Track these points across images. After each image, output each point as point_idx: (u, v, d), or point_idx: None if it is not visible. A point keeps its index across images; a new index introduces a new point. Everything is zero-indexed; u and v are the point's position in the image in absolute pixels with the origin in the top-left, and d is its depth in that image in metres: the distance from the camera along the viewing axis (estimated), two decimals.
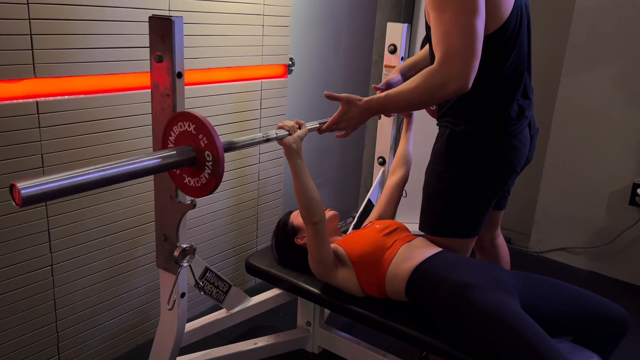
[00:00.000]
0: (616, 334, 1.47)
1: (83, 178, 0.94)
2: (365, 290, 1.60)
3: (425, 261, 1.52)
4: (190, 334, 1.75)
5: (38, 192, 0.87)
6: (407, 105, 1.42)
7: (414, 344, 1.50)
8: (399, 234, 1.65)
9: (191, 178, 1.15)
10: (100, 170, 0.97)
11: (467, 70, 1.27)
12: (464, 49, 1.27)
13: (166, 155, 1.09)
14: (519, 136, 1.53)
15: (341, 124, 1.51)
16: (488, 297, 1.35)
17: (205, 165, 1.11)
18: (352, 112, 1.49)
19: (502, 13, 1.38)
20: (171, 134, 1.15)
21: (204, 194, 1.14)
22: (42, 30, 1.52)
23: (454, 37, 1.27)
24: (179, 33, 1.15)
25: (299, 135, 1.47)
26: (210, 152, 1.09)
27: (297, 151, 1.46)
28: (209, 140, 1.09)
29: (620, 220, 2.81)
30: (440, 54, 1.30)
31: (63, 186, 0.91)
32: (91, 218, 1.77)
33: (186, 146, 1.12)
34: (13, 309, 1.63)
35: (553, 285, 1.51)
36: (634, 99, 2.68)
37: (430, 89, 1.33)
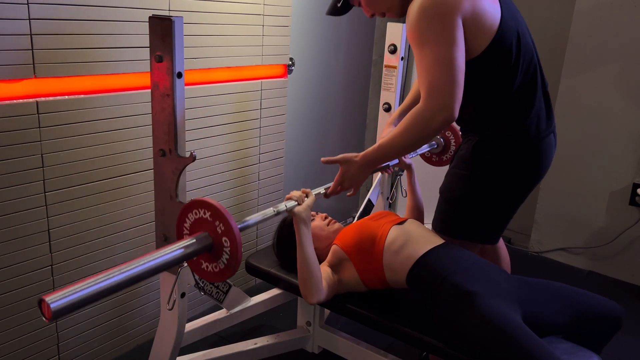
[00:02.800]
0: (611, 329, 1.49)
1: (108, 282, 0.94)
2: (366, 282, 1.60)
3: (429, 253, 1.52)
4: (190, 334, 1.75)
5: (67, 303, 0.87)
6: (402, 149, 1.44)
7: (414, 344, 1.50)
8: (389, 217, 1.68)
9: (208, 263, 1.15)
10: (123, 272, 0.97)
11: (450, 100, 1.31)
12: (446, 81, 1.31)
13: (186, 245, 1.09)
14: (545, 142, 1.55)
15: (345, 183, 1.53)
16: (490, 306, 1.35)
17: (222, 251, 1.11)
18: (352, 171, 1.51)
19: (489, 27, 1.39)
20: (186, 220, 1.16)
21: (222, 279, 1.15)
22: (42, 30, 1.52)
23: (434, 70, 1.31)
24: (179, 33, 1.15)
25: (307, 205, 1.47)
26: (227, 238, 1.09)
27: (306, 221, 1.47)
28: (225, 227, 1.09)
29: (620, 220, 2.81)
30: (423, 89, 1.34)
31: (90, 294, 0.91)
32: (91, 218, 1.77)
33: (203, 234, 1.12)
34: (13, 309, 1.63)
35: (551, 289, 1.51)
36: (634, 99, 2.68)
37: (418, 127, 1.36)
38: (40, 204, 1.62)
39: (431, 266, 1.49)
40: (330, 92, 2.91)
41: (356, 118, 3.18)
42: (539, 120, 1.52)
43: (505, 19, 1.41)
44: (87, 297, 0.91)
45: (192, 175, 2.06)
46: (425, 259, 1.51)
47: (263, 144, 2.38)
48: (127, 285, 0.98)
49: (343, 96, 3.01)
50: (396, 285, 1.58)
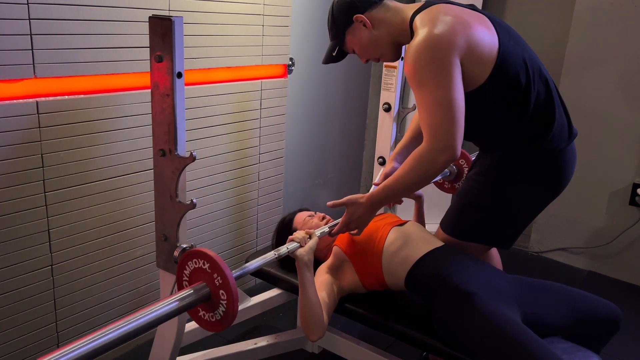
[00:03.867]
0: (609, 330, 1.49)
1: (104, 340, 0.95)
2: (365, 284, 1.60)
3: (428, 255, 1.52)
4: (190, 334, 1.75)
5: None
6: (405, 189, 1.45)
7: (414, 344, 1.50)
8: (389, 219, 1.68)
9: (205, 312, 1.17)
10: (120, 327, 0.98)
11: (452, 140, 1.34)
12: (446, 122, 1.34)
13: (184, 296, 1.11)
14: (568, 150, 1.57)
15: (351, 224, 1.53)
16: (490, 307, 1.35)
17: (219, 303, 1.13)
18: (359, 212, 1.51)
19: (488, 54, 1.42)
20: (185, 268, 1.18)
21: (218, 329, 1.17)
22: (42, 30, 1.52)
23: (434, 112, 1.35)
24: (179, 33, 1.15)
25: (310, 247, 1.46)
26: (224, 291, 1.12)
27: (308, 264, 1.46)
28: (223, 280, 1.11)
29: (620, 220, 2.81)
30: (425, 130, 1.37)
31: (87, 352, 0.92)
32: (91, 218, 1.77)
33: (201, 284, 1.15)
34: (13, 309, 1.63)
35: (550, 290, 1.51)
36: (634, 99, 2.68)
37: (421, 167, 1.38)
38: (40, 204, 1.62)
39: (430, 268, 1.48)
40: (330, 92, 2.91)
41: (356, 118, 3.19)
42: (561, 131, 1.54)
43: (503, 44, 1.43)
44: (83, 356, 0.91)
45: (192, 175, 2.06)
46: (423, 261, 1.51)
47: (263, 144, 2.38)
48: (125, 340, 0.99)
49: (343, 96, 3.01)
50: (395, 288, 1.58)
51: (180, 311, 1.11)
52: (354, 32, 1.53)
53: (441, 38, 1.34)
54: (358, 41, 1.53)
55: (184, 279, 1.19)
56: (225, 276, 1.11)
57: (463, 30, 1.37)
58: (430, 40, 1.34)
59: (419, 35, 1.37)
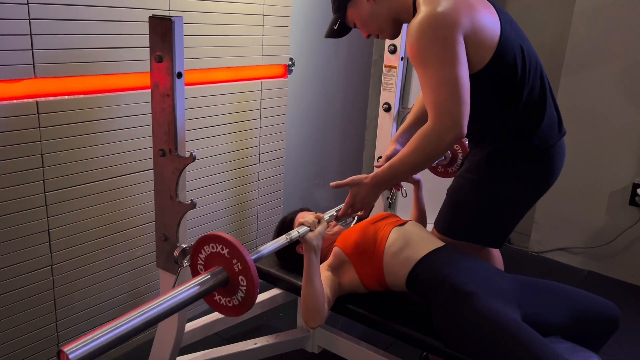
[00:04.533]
0: (608, 330, 1.49)
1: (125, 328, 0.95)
2: (366, 284, 1.60)
3: (429, 255, 1.51)
4: (190, 334, 1.75)
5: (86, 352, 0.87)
6: (411, 169, 1.45)
7: (414, 344, 1.50)
8: (389, 219, 1.67)
9: (222, 297, 1.16)
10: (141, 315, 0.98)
11: (458, 119, 1.33)
12: (451, 100, 1.32)
13: (202, 281, 1.10)
14: (557, 146, 1.57)
15: (356, 206, 1.53)
16: (490, 306, 1.35)
17: (238, 289, 1.12)
18: (362, 192, 1.50)
19: (490, 39, 1.41)
20: (202, 252, 1.16)
21: (236, 314, 1.16)
22: (42, 30, 1.52)
23: (440, 90, 1.33)
24: (179, 33, 1.15)
25: (319, 232, 1.46)
26: (244, 277, 1.10)
27: (317, 249, 1.45)
28: (243, 266, 1.10)
29: (620, 220, 2.81)
30: (431, 109, 1.36)
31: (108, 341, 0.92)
32: (91, 218, 1.77)
33: (218, 268, 1.13)
34: (13, 309, 1.63)
35: (550, 289, 1.51)
36: (634, 99, 2.68)
37: (428, 147, 1.37)
38: (40, 204, 1.62)
39: (430, 268, 1.48)
40: (330, 92, 2.91)
41: (356, 118, 3.18)
42: (551, 127, 1.54)
43: (505, 31, 1.42)
44: (105, 345, 0.91)
45: (192, 175, 2.06)
46: (424, 261, 1.50)
47: (263, 144, 2.38)
48: (146, 328, 0.99)
49: (343, 96, 3.01)
50: (395, 288, 1.58)
51: (200, 296, 1.09)
52: (355, 5, 1.51)
53: (446, 15, 1.32)
54: (359, 14, 1.52)
55: (198, 264, 1.18)
56: (246, 262, 1.09)
57: (467, 11, 1.35)
58: (435, 17, 1.32)
59: (421, 12, 1.34)
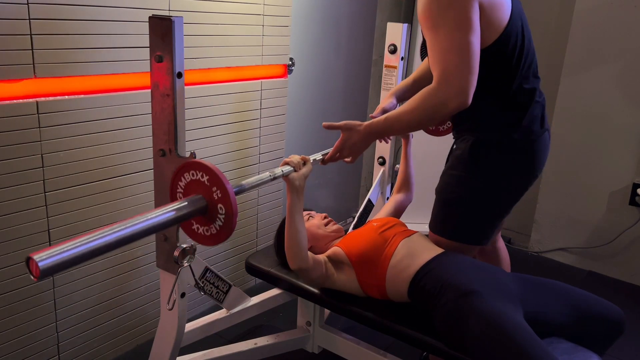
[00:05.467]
0: (613, 333, 1.48)
1: (98, 242, 0.95)
2: (366, 291, 1.60)
3: (430, 263, 1.51)
4: (190, 334, 1.75)
5: (55, 262, 0.87)
6: (407, 127, 1.43)
7: (413, 344, 1.50)
8: (397, 229, 1.65)
9: (200, 226, 1.15)
10: (115, 232, 0.98)
11: (465, 86, 1.29)
12: (461, 67, 1.29)
13: (179, 207, 1.09)
14: (540, 140, 1.54)
15: (344, 151, 1.51)
16: (490, 304, 1.34)
17: (217, 217, 1.11)
18: (354, 139, 1.49)
19: (500, 21, 1.39)
20: (181, 179, 1.15)
21: (213, 243, 1.14)
22: (42, 30, 1.52)
23: (450, 55, 1.29)
24: (179, 33, 1.15)
25: (303, 173, 1.46)
26: (223, 206, 1.09)
27: (299, 189, 1.45)
28: (222, 194, 1.09)
29: (620, 220, 2.81)
30: (438, 73, 1.32)
31: (80, 253, 0.91)
32: (91, 218, 1.77)
33: (197, 196, 1.12)
34: (13, 309, 1.63)
35: (552, 288, 1.50)
36: (634, 99, 2.68)
37: (429, 109, 1.35)
38: (40, 204, 1.62)
39: (431, 275, 1.48)
40: (330, 92, 2.91)
41: (356, 118, 3.17)
42: (534, 119, 1.52)
43: (514, 15, 1.40)
44: (76, 257, 0.90)
45: None
46: (425, 269, 1.50)
47: (263, 144, 2.38)
48: (118, 245, 0.98)
49: (343, 96, 3.01)
50: (396, 299, 1.57)
51: (176, 221, 1.08)
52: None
53: None
54: None
55: (178, 191, 1.16)
56: (226, 189, 1.07)
57: None
58: None
59: None
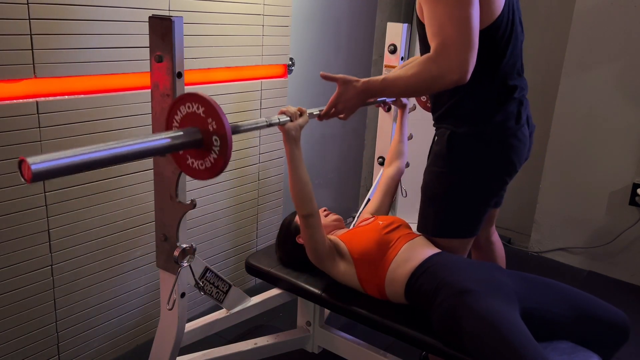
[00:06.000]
0: (616, 339, 1.45)
1: (92, 156, 0.95)
2: (365, 289, 1.60)
3: (424, 263, 1.51)
4: (190, 334, 1.75)
5: (48, 168, 0.88)
6: (402, 92, 1.43)
7: (413, 344, 1.50)
8: (402, 231, 1.65)
9: (195, 160, 1.15)
10: (109, 148, 0.98)
11: (465, 62, 1.27)
12: (461, 41, 1.26)
13: (174, 135, 1.09)
14: (518, 135, 1.52)
15: (339, 105, 1.50)
16: (485, 303, 1.34)
17: (212, 149, 1.11)
18: (349, 93, 1.48)
19: (495, 8, 1.38)
20: (177, 113, 1.14)
21: (209, 176, 1.14)
22: (42, 30, 1.52)
23: (449, 29, 1.26)
24: (179, 33, 1.15)
25: (299, 124, 1.48)
26: (218, 136, 1.09)
27: (296, 139, 1.47)
28: (218, 124, 1.08)
29: (620, 220, 2.81)
30: (436, 45, 1.29)
31: (73, 163, 0.92)
32: (91, 218, 1.77)
33: (193, 128, 1.11)
34: (13, 309, 1.63)
35: (553, 287, 1.50)
36: (634, 99, 2.68)
37: (427, 79, 1.32)
38: (40, 204, 1.62)
39: (427, 274, 1.48)
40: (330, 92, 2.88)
41: (356, 118, 3.18)
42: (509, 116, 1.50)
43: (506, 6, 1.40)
44: (69, 165, 0.91)
45: None
46: (420, 268, 1.50)
47: (263, 144, 2.38)
48: (110, 163, 0.98)
49: None
50: (395, 300, 1.57)
51: (169, 149, 1.08)
52: None
53: None
54: None
55: (174, 126, 1.15)
56: (221, 119, 1.07)
57: None
58: None
59: None
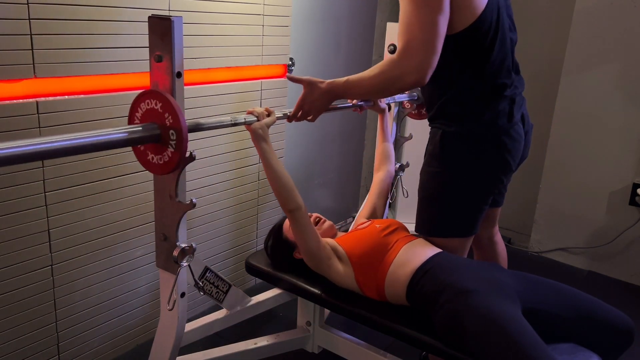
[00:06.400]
0: (621, 342, 1.43)
1: (48, 146, 0.97)
2: (364, 292, 1.60)
3: (425, 264, 1.51)
4: (190, 334, 1.75)
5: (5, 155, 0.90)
6: (365, 93, 1.47)
7: (413, 344, 1.50)
8: (400, 233, 1.65)
9: (154, 155, 1.18)
10: (66, 139, 1.00)
11: (424, 64, 1.30)
12: (424, 44, 1.30)
13: (132, 130, 1.12)
14: (511, 133, 1.52)
15: (305, 106, 1.52)
16: (487, 302, 1.34)
17: (169, 143, 1.14)
18: (315, 95, 1.50)
19: (474, 9, 1.38)
20: (138, 110, 1.18)
21: (165, 171, 1.17)
22: (42, 30, 1.52)
23: (414, 30, 1.30)
24: (179, 33, 1.15)
25: (265, 123, 1.47)
26: (174, 130, 1.12)
27: (264, 137, 1.46)
28: (174, 119, 1.12)
29: (620, 220, 2.81)
30: (401, 45, 1.33)
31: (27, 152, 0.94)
32: (91, 218, 1.77)
33: (151, 123, 1.15)
34: (13, 309, 1.63)
35: (555, 287, 1.49)
36: (634, 99, 2.68)
37: (387, 79, 1.37)
38: (40, 204, 1.62)
39: (428, 275, 1.48)
40: None
41: (356, 118, 3.18)
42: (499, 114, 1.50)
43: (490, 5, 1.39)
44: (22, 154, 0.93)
45: (192, 175, 2.06)
46: (421, 270, 1.50)
47: None
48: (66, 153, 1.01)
49: None
50: (395, 301, 1.57)
51: (128, 143, 1.12)
52: None
53: None
54: None
55: (135, 122, 1.19)
56: (175, 112, 1.10)
57: None
58: None
59: None
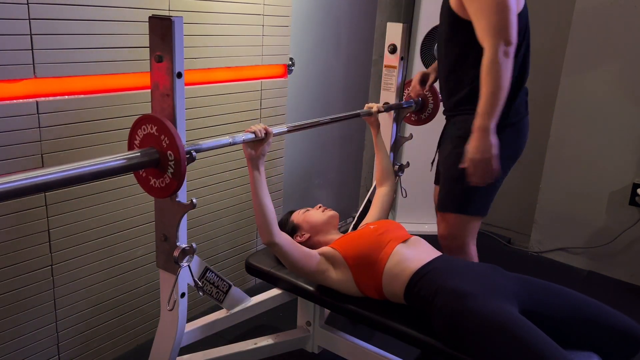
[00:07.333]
0: (627, 348, 1.40)
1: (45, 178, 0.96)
2: (364, 292, 1.60)
3: (425, 266, 1.51)
4: (190, 334, 1.75)
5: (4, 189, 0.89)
6: (502, 98, 1.55)
7: (413, 344, 1.50)
8: (394, 232, 1.66)
9: (156, 179, 1.18)
10: (63, 170, 0.99)
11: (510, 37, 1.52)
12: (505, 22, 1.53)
13: (130, 156, 1.12)
14: (524, 121, 1.76)
15: (477, 172, 1.60)
16: (486, 304, 1.34)
17: (167, 166, 1.14)
18: (477, 145, 1.57)
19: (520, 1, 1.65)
20: (136, 137, 1.18)
21: (166, 194, 1.17)
22: (42, 30, 1.52)
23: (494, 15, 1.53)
24: (179, 33, 1.15)
25: (262, 152, 1.46)
26: (172, 152, 1.12)
27: (257, 165, 1.46)
28: (170, 141, 1.12)
29: (620, 220, 2.80)
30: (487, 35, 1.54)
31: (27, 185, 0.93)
32: (91, 218, 1.77)
33: (150, 148, 1.15)
34: (13, 309, 1.63)
35: (555, 290, 1.48)
36: (634, 99, 2.68)
37: (499, 71, 1.52)
38: (40, 204, 1.62)
39: (426, 278, 1.48)
40: (330, 92, 2.91)
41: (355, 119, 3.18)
42: (522, 102, 1.75)
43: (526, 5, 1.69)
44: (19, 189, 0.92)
45: (192, 175, 2.06)
46: (419, 273, 1.51)
47: None
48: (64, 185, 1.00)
49: (343, 96, 3.01)
50: (393, 299, 1.57)
51: (128, 170, 1.12)
52: None
53: None
54: None
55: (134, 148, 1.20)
56: (171, 134, 1.10)
57: None
58: None
59: None
